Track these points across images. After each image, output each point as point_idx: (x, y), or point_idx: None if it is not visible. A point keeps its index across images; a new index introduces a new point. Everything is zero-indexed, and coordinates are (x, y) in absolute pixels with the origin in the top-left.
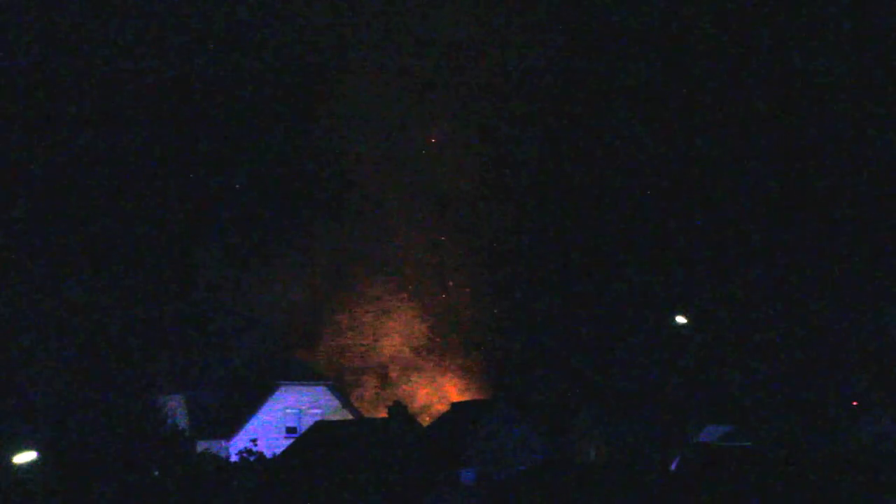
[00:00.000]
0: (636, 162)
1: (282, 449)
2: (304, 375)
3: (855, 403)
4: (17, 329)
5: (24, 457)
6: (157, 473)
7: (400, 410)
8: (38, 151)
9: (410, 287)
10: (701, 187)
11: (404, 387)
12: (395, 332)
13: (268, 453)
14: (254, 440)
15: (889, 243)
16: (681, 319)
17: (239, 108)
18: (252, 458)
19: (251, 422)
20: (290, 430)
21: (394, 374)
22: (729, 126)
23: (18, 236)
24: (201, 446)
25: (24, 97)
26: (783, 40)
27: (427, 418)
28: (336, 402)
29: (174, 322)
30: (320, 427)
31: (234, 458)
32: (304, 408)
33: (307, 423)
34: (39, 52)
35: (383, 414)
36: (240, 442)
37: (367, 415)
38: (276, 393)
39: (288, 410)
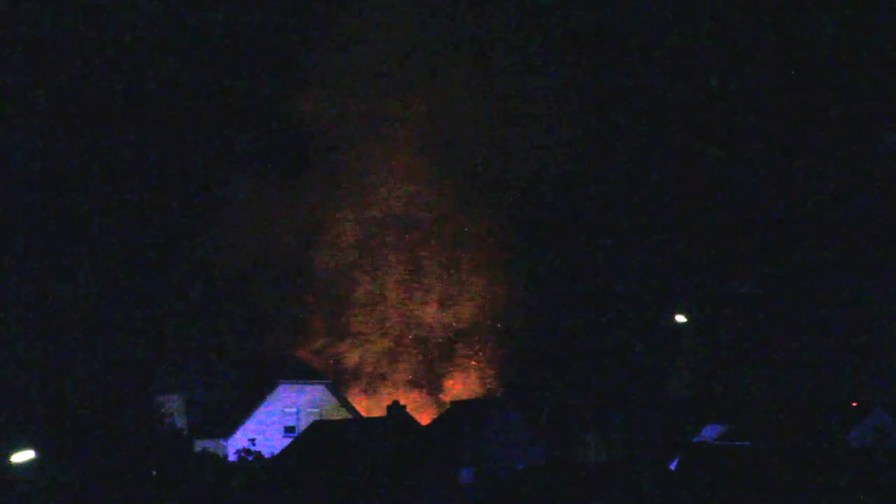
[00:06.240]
0: (636, 162)
1: (280, 448)
2: (303, 374)
3: (855, 404)
4: (16, 329)
5: (22, 456)
6: (155, 473)
7: (399, 410)
8: (36, 150)
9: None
10: (701, 187)
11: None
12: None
13: (266, 453)
14: (252, 440)
15: (889, 243)
16: (681, 319)
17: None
18: (250, 458)
19: (249, 421)
20: (289, 430)
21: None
22: (729, 126)
23: (17, 236)
24: (199, 446)
25: (21, 97)
26: (783, 42)
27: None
28: (334, 402)
29: (173, 321)
30: (319, 426)
31: (232, 458)
32: (302, 407)
33: (305, 422)
34: (37, 51)
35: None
36: (238, 441)
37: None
38: (275, 392)
39: (286, 410)
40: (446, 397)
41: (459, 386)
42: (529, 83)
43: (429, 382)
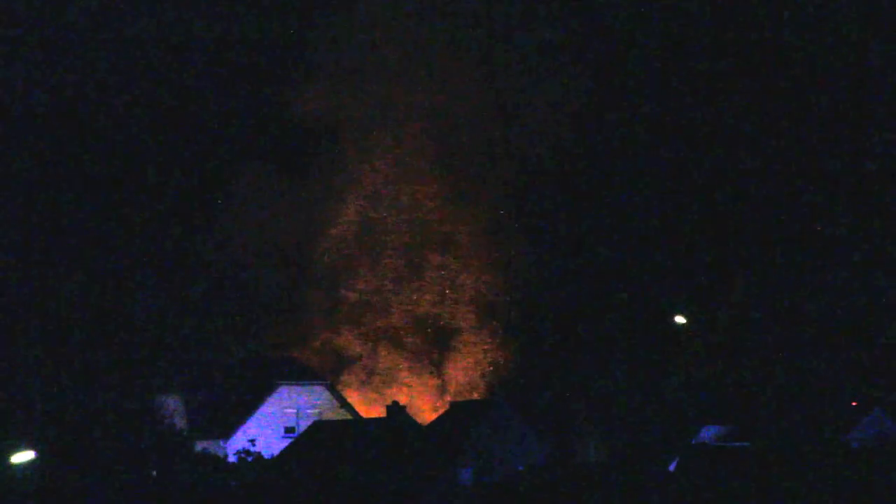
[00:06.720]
0: (636, 162)
1: (280, 449)
2: (303, 375)
3: (855, 403)
4: (15, 329)
5: (22, 456)
6: (155, 473)
7: (399, 410)
8: (36, 150)
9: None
10: (701, 188)
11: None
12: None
13: (266, 453)
14: (252, 440)
15: (888, 243)
16: (681, 319)
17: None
18: (250, 458)
19: (249, 422)
20: (289, 430)
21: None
22: (729, 127)
23: (17, 235)
24: (199, 446)
25: (21, 97)
26: (783, 44)
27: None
28: (334, 402)
29: (173, 321)
30: (318, 427)
31: (232, 459)
32: (302, 407)
33: (305, 422)
34: (37, 51)
35: (381, 413)
36: (238, 442)
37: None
38: (275, 393)
39: (286, 410)
40: (446, 395)
41: (459, 382)
42: (529, 83)
43: (428, 379)
